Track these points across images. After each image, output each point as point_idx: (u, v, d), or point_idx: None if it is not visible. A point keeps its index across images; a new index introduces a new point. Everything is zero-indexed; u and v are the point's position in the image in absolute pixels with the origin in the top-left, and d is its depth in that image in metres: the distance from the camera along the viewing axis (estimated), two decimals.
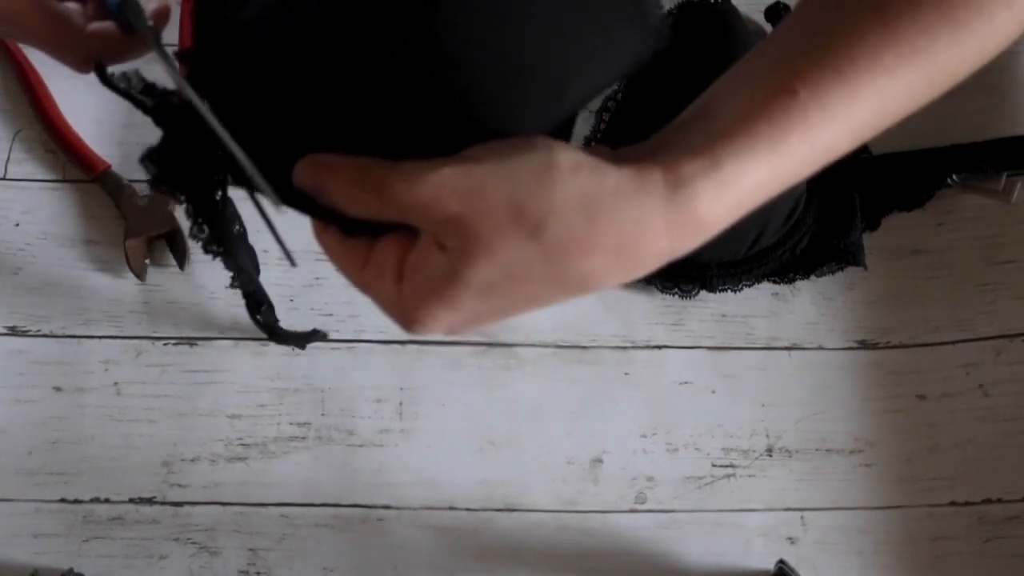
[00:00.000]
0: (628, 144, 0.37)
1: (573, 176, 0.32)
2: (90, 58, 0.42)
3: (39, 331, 0.69)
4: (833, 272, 0.71)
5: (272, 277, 0.70)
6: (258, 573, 0.65)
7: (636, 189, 0.32)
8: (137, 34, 0.40)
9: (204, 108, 0.38)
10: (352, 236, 0.37)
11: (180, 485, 0.66)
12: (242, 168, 0.38)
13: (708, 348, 0.70)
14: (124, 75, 0.42)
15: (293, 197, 0.38)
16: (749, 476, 0.68)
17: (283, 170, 0.37)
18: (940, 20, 0.35)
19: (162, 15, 0.42)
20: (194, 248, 0.71)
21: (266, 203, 0.39)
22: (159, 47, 0.40)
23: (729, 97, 0.36)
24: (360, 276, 0.37)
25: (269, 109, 0.38)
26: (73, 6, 0.43)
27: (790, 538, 0.67)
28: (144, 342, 0.69)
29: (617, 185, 0.32)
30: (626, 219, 0.32)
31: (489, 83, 0.35)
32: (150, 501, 0.66)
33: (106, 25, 0.42)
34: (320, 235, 0.39)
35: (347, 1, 0.36)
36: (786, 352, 0.70)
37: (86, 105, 0.75)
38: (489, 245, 0.32)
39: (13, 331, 0.69)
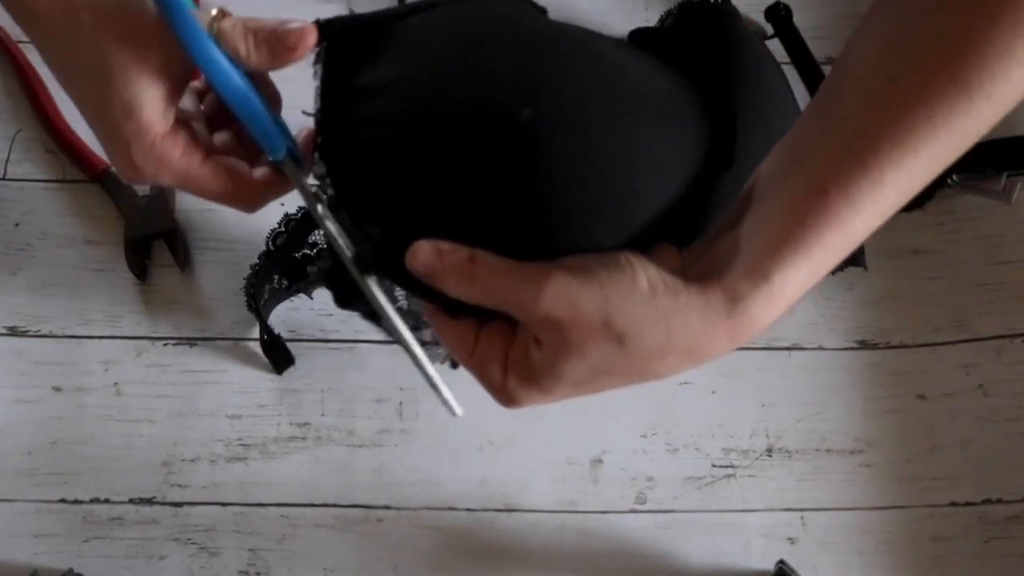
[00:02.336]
0: None
1: (652, 295, 0.38)
2: (258, 203, 0.47)
3: (39, 331, 0.69)
4: (833, 272, 0.70)
5: None
6: (258, 573, 0.65)
7: (702, 305, 0.38)
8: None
9: (333, 235, 0.43)
10: (458, 317, 0.43)
11: (180, 485, 0.66)
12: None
13: None
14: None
15: (406, 279, 0.42)
16: (749, 476, 0.68)
17: (398, 253, 0.41)
18: (955, 92, 0.37)
19: (308, 144, 0.46)
20: (194, 248, 0.71)
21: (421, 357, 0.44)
22: (309, 197, 0.44)
23: (768, 200, 0.40)
24: (469, 361, 0.43)
25: (383, 198, 0.42)
26: (225, 136, 0.47)
27: (790, 538, 0.67)
28: (144, 342, 0.69)
29: (687, 303, 0.38)
30: (694, 329, 0.38)
31: (579, 200, 0.40)
32: (150, 501, 0.66)
33: (266, 171, 0.46)
34: (432, 316, 0.43)
35: (456, 121, 0.40)
36: (786, 352, 0.70)
37: None
38: (582, 349, 0.39)
39: (13, 331, 0.69)
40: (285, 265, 0.66)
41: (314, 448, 0.67)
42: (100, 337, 0.69)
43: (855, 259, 0.69)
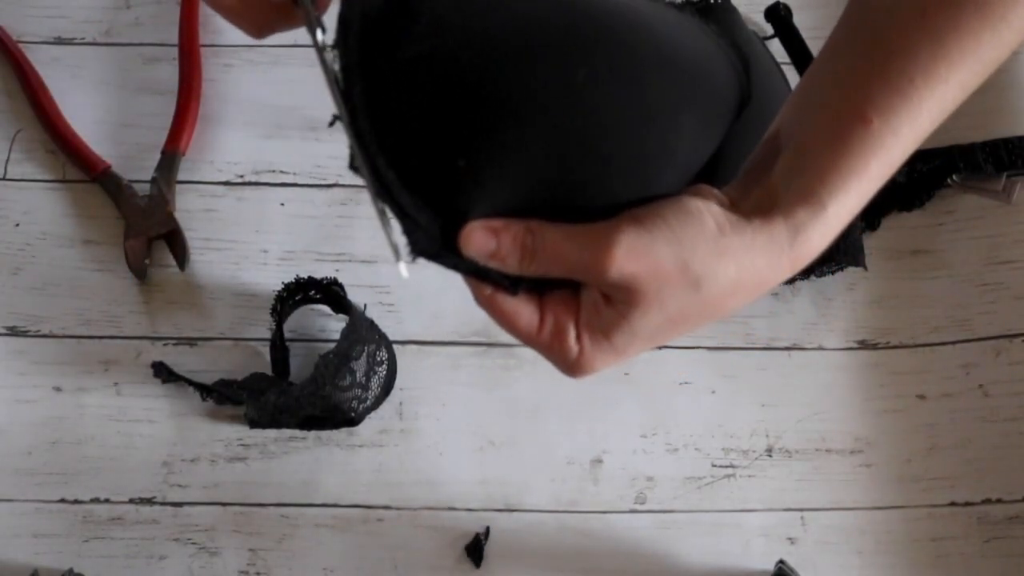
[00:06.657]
0: None
1: (721, 235, 0.39)
2: (265, 26, 0.46)
3: (39, 331, 0.69)
4: (833, 272, 0.71)
5: (271, 277, 0.70)
6: (258, 573, 0.65)
7: (766, 239, 0.39)
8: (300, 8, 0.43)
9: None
10: (518, 295, 0.41)
11: (180, 485, 0.66)
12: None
13: (708, 348, 0.70)
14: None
15: (460, 264, 0.40)
16: (749, 476, 0.68)
17: (451, 237, 0.39)
18: (980, 22, 0.39)
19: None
20: (194, 248, 0.71)
21: None
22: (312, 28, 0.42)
23: (810, 128, 0.41)
24: (538, 338, 0.41)
25: (425, 152, 0.39)
26: None
27: (790, 538, 0.67)
28: (144, 342, 0.69)
29: (753, 238, 0.39)
30: (761, 264, 0.39)
31: (634, 144, 0.40)
32: (150, 501, 0.66)
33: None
34: (487, 301, 0.42)
35: (505, 70, 0.38)
36: (786, 352, 0.70)
37: (86, 105, 0.75)
38: (660, 297, 0.39)
39: (13, 331, 0.69)
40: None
41: (314, 448, 0.67)
42: (100, 337, 0.69)
43: (855, 259, 0.69)
